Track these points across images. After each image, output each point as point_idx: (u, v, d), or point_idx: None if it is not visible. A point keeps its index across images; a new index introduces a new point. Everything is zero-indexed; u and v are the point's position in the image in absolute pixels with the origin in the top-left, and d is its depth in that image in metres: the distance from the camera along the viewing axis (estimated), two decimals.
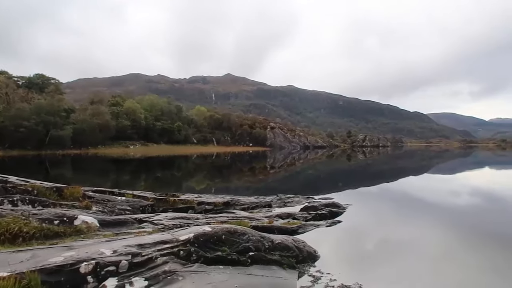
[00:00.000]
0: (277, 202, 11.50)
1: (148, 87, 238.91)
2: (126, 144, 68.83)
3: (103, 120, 64.64)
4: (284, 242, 5.77)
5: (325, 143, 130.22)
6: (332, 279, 5.13)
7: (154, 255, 4.33)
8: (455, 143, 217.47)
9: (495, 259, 6.48)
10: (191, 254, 4.62)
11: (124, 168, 31.44)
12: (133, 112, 73.44)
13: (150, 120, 77.05)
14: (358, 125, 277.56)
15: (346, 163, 43.49)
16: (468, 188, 18.22)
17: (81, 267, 3.72)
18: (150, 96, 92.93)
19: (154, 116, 79.33)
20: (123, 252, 4.17)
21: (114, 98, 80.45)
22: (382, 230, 8.80)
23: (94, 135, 62.82)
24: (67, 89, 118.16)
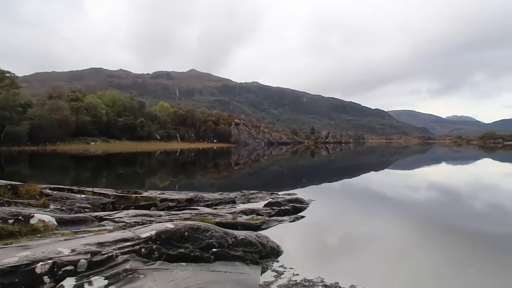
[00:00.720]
0: (241, 198, 11.51)
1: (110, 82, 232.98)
2: (86, 141, 66.90)
3: (62, 115, 62.47)
4: (247, 238, 5.78)
5: (289, 139, 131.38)
6: (295, 274, 5.19)
7: (114, 253, 4.23)
8: (414, 140, 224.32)
9: (451, 251, 6.74)
10: (153, 251, 4.55)
11: (85, 165, 30.58)
12: (94, 107, 71.41)
13: (112, 116, 75.17)
14: (321, 122, 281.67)
15: (309, 159, 44.03)
16: (426, 183, 18.86)
17: (37, 267, 3.59)
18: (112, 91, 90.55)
19: (116, 112, 77.47)
20: (82, 251, 4.06)
21: (74, 93, 77.83)
22: (344, 225, 8.98)
23: (53, 131, 60.61)
24: (24, 83, 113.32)
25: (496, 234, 8.04)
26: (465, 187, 17.15)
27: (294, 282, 4.89)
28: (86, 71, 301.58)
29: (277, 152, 60.60)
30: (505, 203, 12.54)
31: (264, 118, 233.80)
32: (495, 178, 21.53)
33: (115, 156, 42.16)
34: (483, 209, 11.52)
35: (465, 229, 8.54)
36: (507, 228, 8.63)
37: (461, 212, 10.96)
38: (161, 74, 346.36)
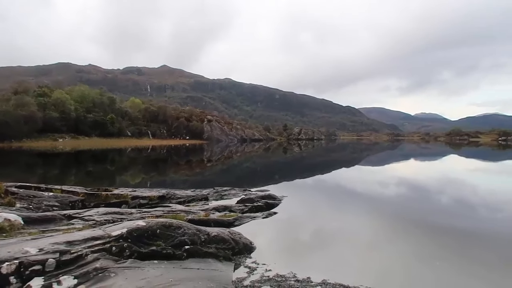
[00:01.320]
0: (214, 195, 11.47)
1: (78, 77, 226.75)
2: (54, 137, 64.93)
3: (28, 111, 60.36)
4: (220, 235, 5.78)
5: (262, 136, 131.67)
6: (268, 269, 5.23)
7: (84, 252, 4.15)
8: (384, 136, 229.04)
9: (419, 244, 6.95)
10: (124, 249, 4.49)
11: (53, 163, 29.74)
12: (62, 103, 69.35)
13: (81, 112, 73.22)
14: (294, 119, 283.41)
15: (282, 156, 44.27)
16: (395, 179, 19.28)
17: (2, 268, 3.48)
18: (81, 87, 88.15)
19: (85, 108, 75.48)
20: (50, 250, 3.96)
21: (41, 89, 75.34)
22: (316, 221, 9.09)
23: (19, 127, 58.50)
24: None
25: (460, 227, 8.32)
26: (433, 183, 17.64)
27: (266, 277, 4.93)
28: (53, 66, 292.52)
29: (250, 148, 60.65)
30: (470, 198, 12.99)
31: (237, 115, 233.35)
32: (460, 174, 22.24)
33: (84, 153, 41.18)
34: (449, 203, 11.89)
35: (432, 223, 8.81)
36: (471, 222, 8.95)
37: (429, 207, 11.27)
38: (132, 70, 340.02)
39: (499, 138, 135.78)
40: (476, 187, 16.13)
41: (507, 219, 9.53)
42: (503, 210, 10.80)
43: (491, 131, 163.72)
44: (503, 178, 20.30)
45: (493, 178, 20.54)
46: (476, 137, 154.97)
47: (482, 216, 9.89)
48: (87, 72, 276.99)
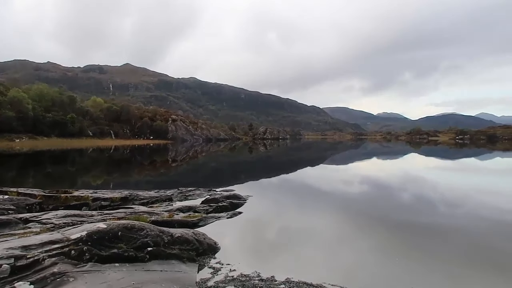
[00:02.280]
0: (178, 196, 11.34)
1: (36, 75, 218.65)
2: (11, 137, 62.30)
3: None
4: (184, 236, 5.72)
5: (228, 135, 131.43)
6: (232, 269, 5.22)
7: (41, 256, 4.01)
8: (347, 136, 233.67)
9: (382, 241, 7.12)
10: (84, 253, 4.37)
11: (9, 164, 28.54)
12: (19, 102, 66.61)
13: (39, 111, 70.56)
14: (259, 118, 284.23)
15: (247, 156, 44.32)
16: (358, 177, 19.71)
17: None
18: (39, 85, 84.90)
19: (44, 107, 72.81)
20: (5, 256, 3.80)
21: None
22: (281, 220, 9.15)
23: None
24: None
25: (421, 223, 8.61)
26: (395, 181, 18.14)
27: (231, 277, 4.92)
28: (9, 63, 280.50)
29: (215, 148, 60.40)
30: (430, 195, 13.43)
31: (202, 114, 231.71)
32: (420, 172, 22.98)
33: (43, 154, 39.75)
34: (410, 200, 12.25)
35: (394, 220, 9.06)
36: (431, 218, 9.25)
37: (391, 204, 11.59)
38: (93, 68, 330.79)
39: (456, 137, 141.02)
40: (436, 184, 16.71)
41: (465, 214, 9.90)
42: (460, 206, 11.23)
43: (449, 130, 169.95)
44: (460, 176, 21.13)
45: (451, 175, 21.35)
46: (435, 136, 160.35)
47: (441, 212, 10.25)
48: (46, 70, 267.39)
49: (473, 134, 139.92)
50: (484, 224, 8.57)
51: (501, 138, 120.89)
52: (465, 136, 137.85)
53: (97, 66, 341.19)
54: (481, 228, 8.19)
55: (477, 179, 19.29)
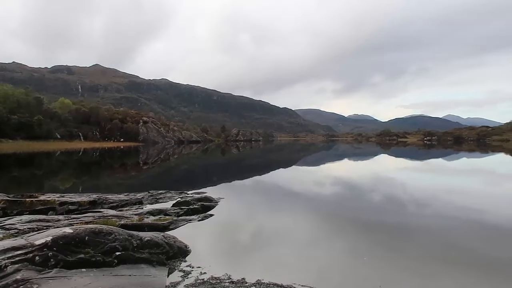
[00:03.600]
0: (148, 199, 11.19)
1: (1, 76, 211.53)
2: None
3: None
4: (154, 239, 5.65)
5: (200, 137, 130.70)
6: (203, 272, 5.20)
7: (3, 263, 3.88)
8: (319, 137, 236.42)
9: (352, 242, 7.23)
10: (49, 259, 4.25)
11: None
12: None
13: (4, 113, 68.13)
14: (232, 120, 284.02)
15: (220, 157, 44.20)
16: (330, 178, 19.94)
17: None
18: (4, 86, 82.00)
19: (9, 109, 70.33)
20: None
21: None
22: (253, 221, 9.16)
23: None
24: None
25: (391, 223, 8.78)
26: (365, 181, 18.45)
27: (201, 280, 4.89)
28: None
29: (187, 150, 59.92)
30: (399, 195, 13.70)
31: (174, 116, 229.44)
32: (390, 173, 23.47)
33: (8, 157, 38.47)
34: (380, 201, 12.48)
35: (364, 220, 9.21)
36: (400, 217, 9.46)
37: (362, 205, 11.78)
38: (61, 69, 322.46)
39: (424, 138, 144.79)
40: (405, 185, 17.07)
41: (433, 214, 10.15)
42: (429, 205, 11.50)
43: (418, 132, 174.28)
44: (429, 176, 21.67)
45: (419, 176, 21.87)
46: (404, 137, 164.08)
47: (410, 212, 10.48)
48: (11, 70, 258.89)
49: (440, 136, 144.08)
50: (451, 223, 8.81)
51: (467, 139, 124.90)
52: (433, 138, 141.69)
53: (65, 67, 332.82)
54: (448, 226, 8.42)
55: (444, 180, 19.84)
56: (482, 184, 17.41)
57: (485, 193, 14.66)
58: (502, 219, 9.27)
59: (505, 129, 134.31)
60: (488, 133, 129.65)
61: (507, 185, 17.51)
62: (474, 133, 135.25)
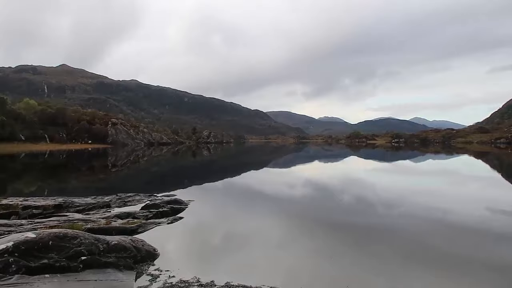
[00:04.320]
0: (116, 202, 10.96)
1: None
2: None
3: None
4: (121, 243, 5.55)
5: (170, 139, 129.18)
6: (171, 276, 5.14)
7: None
8: (290, 139, 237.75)
9: (321, 242, 7.32)
10: (10, 265, 4.11)
11: None
12: None
13: None
14: (203, 122, 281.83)
15: (191, 160, 43.86)
16: (301, 180, 20.12)
17: None
18: None
19: None
20: None
21: None
22: (222, 224, 9.13)
23: None
24: None
25: (359, 223, 8.96)
26: (335, 183, 18.74)
27: (169, 284, 4.84)
28: None
29: (157, 152, 59.14)
30: (368, 196, 13.97)
31: (144, 118, 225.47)
32: (359, 174, 23.88)
33: None
34: (350, 202, 12.71)
35: (333, 221, 9.37)
36: (368, 218, 9.65)
37: (331, 205, 11.97)
38: (26, 68, 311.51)
39: (392, 140, 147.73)
40: (373, 186, 17.41)
41: (400, 214, 10.40)
42: (396, 206, 11.77)
43: (386, 134, 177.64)
44: (396, 177, 22.20)
45: (387, 177, 22.37)
46: (373, 139, 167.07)
47: (378, 212, 10.71)
48: None
49: (407, 138, 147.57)
50: (417, 222, 9.06)
51: (433, 141, 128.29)
52: (401, 140, 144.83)
53: (30, 67, 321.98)
54: (414, 226, 8.65)
55: (411, 181, 20.38)
56: (446, 185, 17.95)
57: (449, 193, 15.13)
58: (464, 218, 9.59)
59: (468, 131, 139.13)
60: (453, 135, 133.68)
61: (470, 185, 18.13)
62: (439, 135, 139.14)
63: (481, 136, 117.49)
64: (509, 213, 10.45)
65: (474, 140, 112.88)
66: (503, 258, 6.26)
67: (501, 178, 22.54)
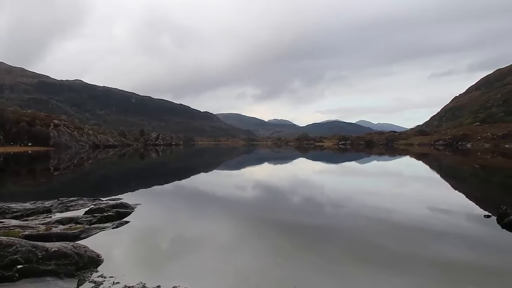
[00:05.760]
0: (58, 207, 10.47)
1: None
2: None
3: None
4: (62, 250, 5.31)
5: (117, 142, 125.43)
6: (115, 282, 4.99)
7: None
8: (240, 141, 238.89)
9: (271, 244, 7.37)
10: None
11: None
12: None
13: None
14: (151, 124, 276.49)
15: (139, 162, 42.90)
16: (251, 182, 20.21)
17: None
18: None
19: None
20: None
21: None
22: (170, 227, 8.97)
23: None
24: None
25: (307, 224, 9.12)
26: (284, 184, 18.98)
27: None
28: None
29: (103, 155, 57.22)
30: (316, 197, 14.26)
31: (89, 119, 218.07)
32: (308, 176, 24.37)
33: None
34: (298, 203, 12.90)
35: (282, 222, 9.48)
36: (316, 218, 9.86)
37: (280, 207, 12.11)
38: None
39: (339, 142, 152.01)
40: (321, 187, 17.81)
41: (347, 214, 10.70)
42: (343, 206, 12.09)
43: (333, 136, 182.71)
44: (343, 178, 22.88)
45: (334, 178, 23.02)
46: (320, 141, 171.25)
47: (326, 213, 10.98)
48: None
49: (353, 140, 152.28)
50: (364, 222, 9.35)
51: (377, 143, 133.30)
52: (347, 142, 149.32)
53: None
54: (361, 226, 8.92)
55: (357, 181, 21.06)
56: (390, 185, 18.72)
57: (393, 193, 15.78)
58: (407, 217, 10.02)
59: (410, 134, 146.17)
60: (396, 138, 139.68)
61: (412, 185, 18.98)
62: (383, 137, 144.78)
63: (421, 138, 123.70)
64: (446, 211, 11.03)
65: (415, 142, 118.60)
66: (444, 254, 6.61)
67: (439, 178, 23.80)
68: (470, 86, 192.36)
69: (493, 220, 8.77)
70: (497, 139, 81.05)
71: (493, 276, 5.54)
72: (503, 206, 8.52)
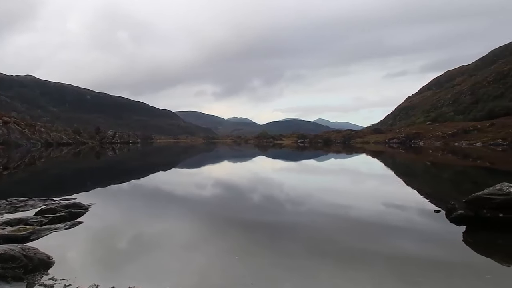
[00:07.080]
0: (6, 208, 9.98)
1: None
2: None
3: None
4: (8, 252, 5.06)
5: (71, 140, 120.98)
6: (67, 285, 4.82)
7: None
8: (200, 139, 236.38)
9: (233, 242, 7.36)
10: None
11: None
12: None
13: None
14: (108, 121, 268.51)
15: (94, 161, 41.69)
16: (211, 180, 20.08)
17: None
18: None
19: None
20: None
21: None
22: (127, 227, 8.78)
23: None
24: None
25: (267, 222, 9.18)
26: (244, 182, 19.01)
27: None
28: None
29: (57, 153, 55.05)
30: (276, 195, 14.37)
31: (41, 116, 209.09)
32: (268, 173, 24.52)
33: None
34: (259, 201, 12.93)
35: (242, 220, 9.48)
36: (276, 216, 9.95)
37: (241, 205, 12.10)
38: None
39: (298, 140, 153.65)
40: (281, 184, 17.94)
41: (306, 211, 10.83)
42: (302, 203, 12.24)
43: (292, 134, 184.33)
44: (302, 176, 23.18)
45: (294, 176, 23.26)
46: (280, 139, 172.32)
47: (285, 210, 11.08)
48: None
49: (312, 138, 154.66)
50: (323, 219, 9.51)
51: (335, 141, 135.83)
52: (306, 140, 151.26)
53: None
54: (320, 222, 9.07)
55: (316, 179, 21.40)
56: (347, 182, 19.18)
57: (350, 190, 16.16)
58: (364, 213, 10.27)
59: (366, 132, 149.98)
60: (352, 136, 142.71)
61: (368, 182, 19.51)
62: (340, 135, 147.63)
63: (376, 136, 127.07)
64: (400, 206, 11.43)
65: (371, 140, 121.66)
66: (397, 247, 6.87)
67: (393, 175, 24.59)
68: (422, 86, 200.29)
69: (442, 214, 9.14)
70: (447, 138, 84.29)
71: (441, 266, 5.78)
72: (451, 202, 8.87)
